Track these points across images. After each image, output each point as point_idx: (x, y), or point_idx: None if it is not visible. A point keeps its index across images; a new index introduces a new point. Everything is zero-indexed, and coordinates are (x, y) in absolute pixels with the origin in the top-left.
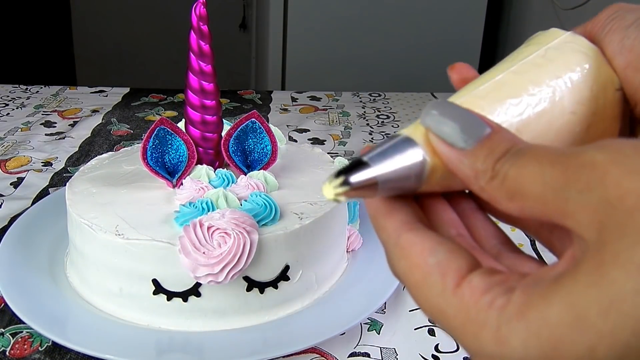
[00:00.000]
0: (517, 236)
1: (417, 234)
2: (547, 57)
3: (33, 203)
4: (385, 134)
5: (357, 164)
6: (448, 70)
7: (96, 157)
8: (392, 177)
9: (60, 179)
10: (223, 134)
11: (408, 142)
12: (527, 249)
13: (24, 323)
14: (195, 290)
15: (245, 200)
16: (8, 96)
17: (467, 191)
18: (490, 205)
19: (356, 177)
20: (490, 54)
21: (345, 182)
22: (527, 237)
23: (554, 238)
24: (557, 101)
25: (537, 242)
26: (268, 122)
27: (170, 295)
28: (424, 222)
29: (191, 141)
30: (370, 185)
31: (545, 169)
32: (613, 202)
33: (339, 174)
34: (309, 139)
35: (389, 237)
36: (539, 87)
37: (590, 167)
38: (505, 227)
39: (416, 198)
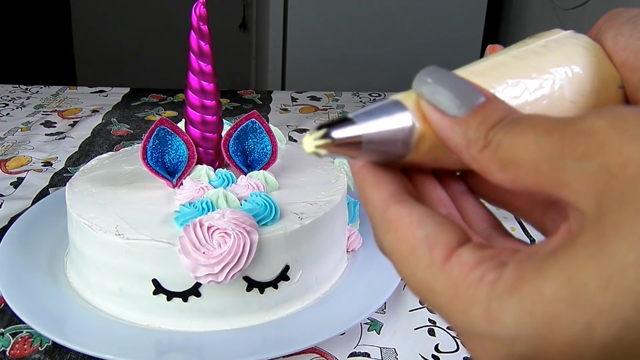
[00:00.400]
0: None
1: (405, 206)
2: (549, 47)
3: (33, 203)
4: None
5: (342, 120)
6: (488, 49)
7: (96, 157)
8: (377, 139)
9: (60, 179)
10: (223, 134)
11: (397, 106)
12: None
13: (24, 323)
14: (195, 290)
15: (245, 200)
16: (8, 96)
17: (457, 173)
18: (482, 189)
19: (339, 133)
20: None
21: (327, 135)
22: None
23: (547, 219)
24: (557, 89)
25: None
26: (268, 122)
27: (170, 295)
28: (413, 195)
29: (191, 141)
30: (354, 144)
31: (540, 137)
32: (613, 170)
33: (321, 127)
34: None
35: (375, 209)
36: (538, 72)
37: (589, 134)
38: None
39: (405, 173)
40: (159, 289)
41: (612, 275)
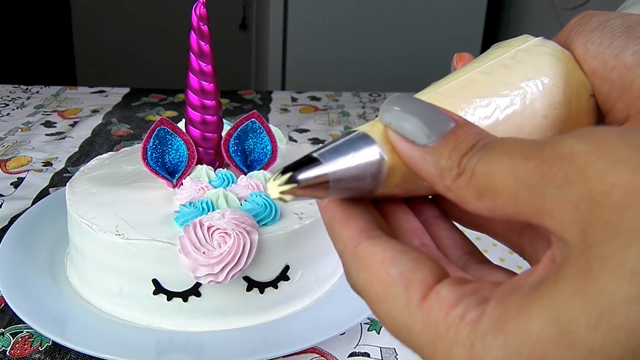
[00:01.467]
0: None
1: (377, 242)
2: (517, 59)
3: (33, 203)
4: None
5: (306, 161)
6: (455, 58)
7: (96, 157)
8: (345, 176)
9: (60, 179)
10: (223, 134)
11: (364, 139)
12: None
13: (24, 323)
14: (195, 290)
15: (245, 200)
16: (8, 96)
17: (430, 197)
18: (455, 212)
19: (305, 175)
20: None
21: (292, 180)
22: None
23: (524, 241)
24: (528, 104)
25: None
26: (268, 122)
27: (170, 295)
28: (384, 229)
29: (191, 141)
30: (321, 184)
31: (517, 163)
32: (597, 199)
33: (285, 170)
34: (309, 139)
35: (346, 246)
36: (508, 89)
37: (568, 158)
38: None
39: (375, 204)
40: (159, 289)
41: (601, 312)
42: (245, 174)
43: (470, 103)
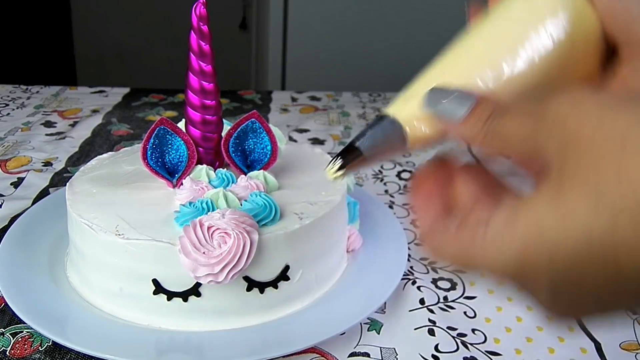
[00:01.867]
0: None
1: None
2: (525, 8)
3: (33, 203)
4: None
5: (350, 150)
6: (468, 10)
7: (96, 157)
8: (379, 155)
9: (60, 179)
10: (223, 134)
11: (393, 125)
12: None
13: (24, 323)
14: (195, 290)
15: (245, 200)
16: (8, 96)
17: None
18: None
19: (350, 164)
20: None
21: (341, 167)
22: None
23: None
24: (537, 60)
25: None
26: (268, 122)
27: (170, 295)
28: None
29: (191, 141)
30: (361, 162)
31: (523, 121)
32: (572, 139)
33: (337, 156)
34: (309, 139)
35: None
36: (518, 44)
37: (554, 114)
38: None
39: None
40: (159, 289)
41: (565, 214)
42: (245, 174)
43: (484, 69)
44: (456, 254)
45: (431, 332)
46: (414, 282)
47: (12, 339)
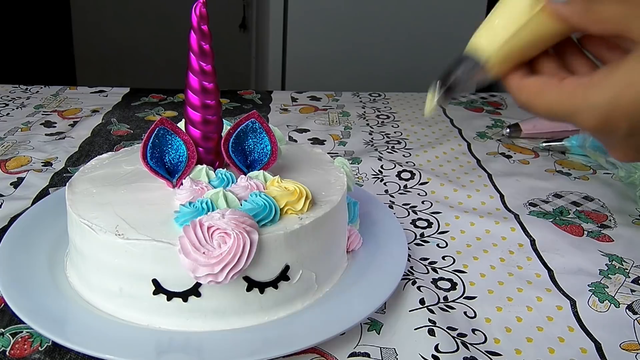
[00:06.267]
0: (518, 236)
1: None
2: None
3: (33, 203)
4: (385, 134)
5: (445, 88)
6: None
7: (96, 157)
8: (462, 85)
9: (60, 179)
10: (223, 134)
11: (475, 62)
12: (528, 248)
13: (24, 323)
14: (195, 290)
15: (245, 200)
16: (8, 96)
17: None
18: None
19: (444, 101)
20: None
21: (437, 102)
22: (527, 237)
23: (610, 54)
24: None
25: (537, 243)
26: (268, 122)
27: (170, 295)
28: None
29: (191, 141)
30: (450, 93)
31: (618, 6)
32: None
33: (437, 84)
34: (309, 139)
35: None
36: None
37: None
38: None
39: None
40: (159, 289)
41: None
42: (245, 174)
43: None
44: (556, 100)
45: (431, 332)
46: (414, 282)
47: (11, 339)
